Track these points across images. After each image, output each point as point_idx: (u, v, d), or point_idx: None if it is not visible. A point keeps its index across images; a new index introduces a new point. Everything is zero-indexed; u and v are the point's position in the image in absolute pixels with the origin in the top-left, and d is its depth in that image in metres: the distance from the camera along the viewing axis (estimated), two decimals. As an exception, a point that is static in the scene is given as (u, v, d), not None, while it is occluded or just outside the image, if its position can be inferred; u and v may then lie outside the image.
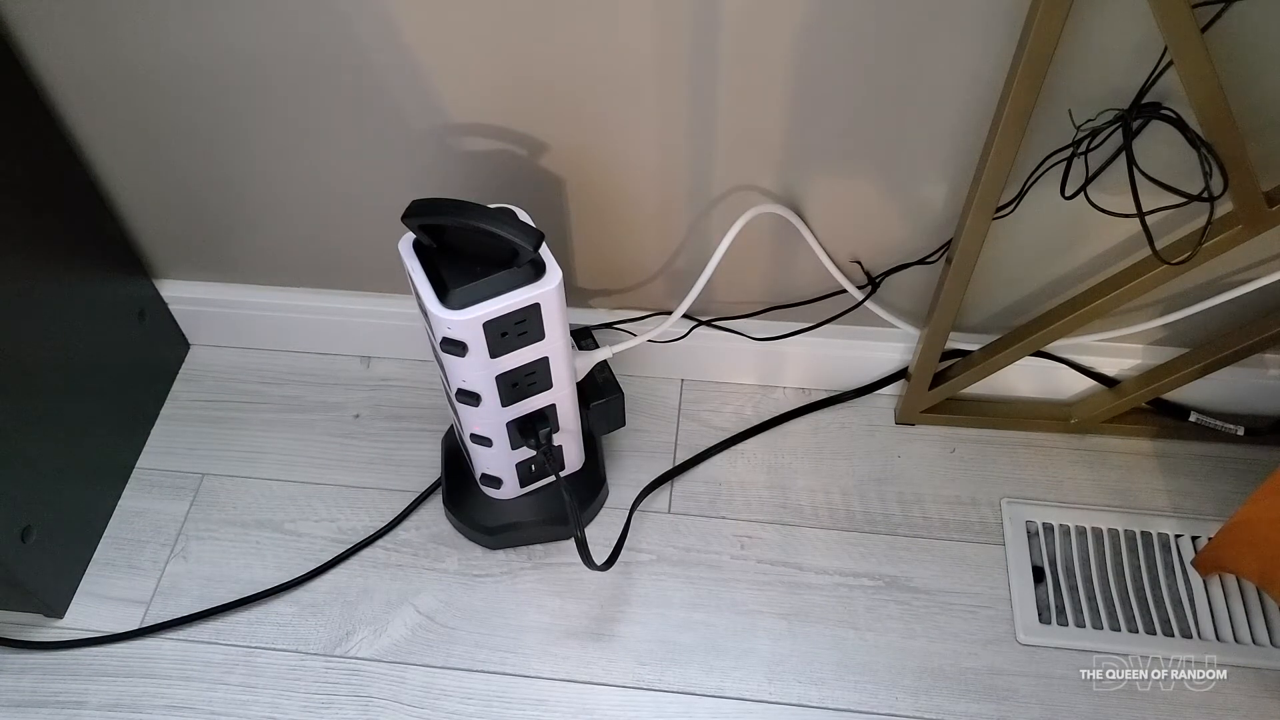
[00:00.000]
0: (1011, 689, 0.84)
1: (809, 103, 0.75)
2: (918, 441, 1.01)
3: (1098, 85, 0.70)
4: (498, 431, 0.81)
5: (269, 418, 1.04)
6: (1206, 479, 0.97)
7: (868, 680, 0.85)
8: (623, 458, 1.00)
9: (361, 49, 0.75)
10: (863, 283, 0.91)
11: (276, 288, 1.02)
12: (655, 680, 0.86)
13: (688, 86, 0.75)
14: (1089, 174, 0.74)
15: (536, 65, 0.75)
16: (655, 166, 0.82)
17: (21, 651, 0.88)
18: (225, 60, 0.77)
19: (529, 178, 0.84)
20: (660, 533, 0.95)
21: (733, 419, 1.03)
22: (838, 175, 0.82)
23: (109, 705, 0.85)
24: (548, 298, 0.70)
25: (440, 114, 0.80)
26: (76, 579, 0.92)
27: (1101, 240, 0.84)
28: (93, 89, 0.81)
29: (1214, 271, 0.84)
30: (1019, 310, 0.92)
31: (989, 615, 0.89)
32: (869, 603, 0.90)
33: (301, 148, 0.84)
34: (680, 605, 0.90)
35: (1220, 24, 0.63)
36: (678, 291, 0.91)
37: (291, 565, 0.92)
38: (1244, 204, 0.71)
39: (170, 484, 0.99)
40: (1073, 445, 1.00)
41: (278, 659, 0.87)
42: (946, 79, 0.72)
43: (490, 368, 0.73)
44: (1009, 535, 0.93)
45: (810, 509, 0.96)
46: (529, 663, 0.87)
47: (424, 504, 0.97)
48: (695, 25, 0.71)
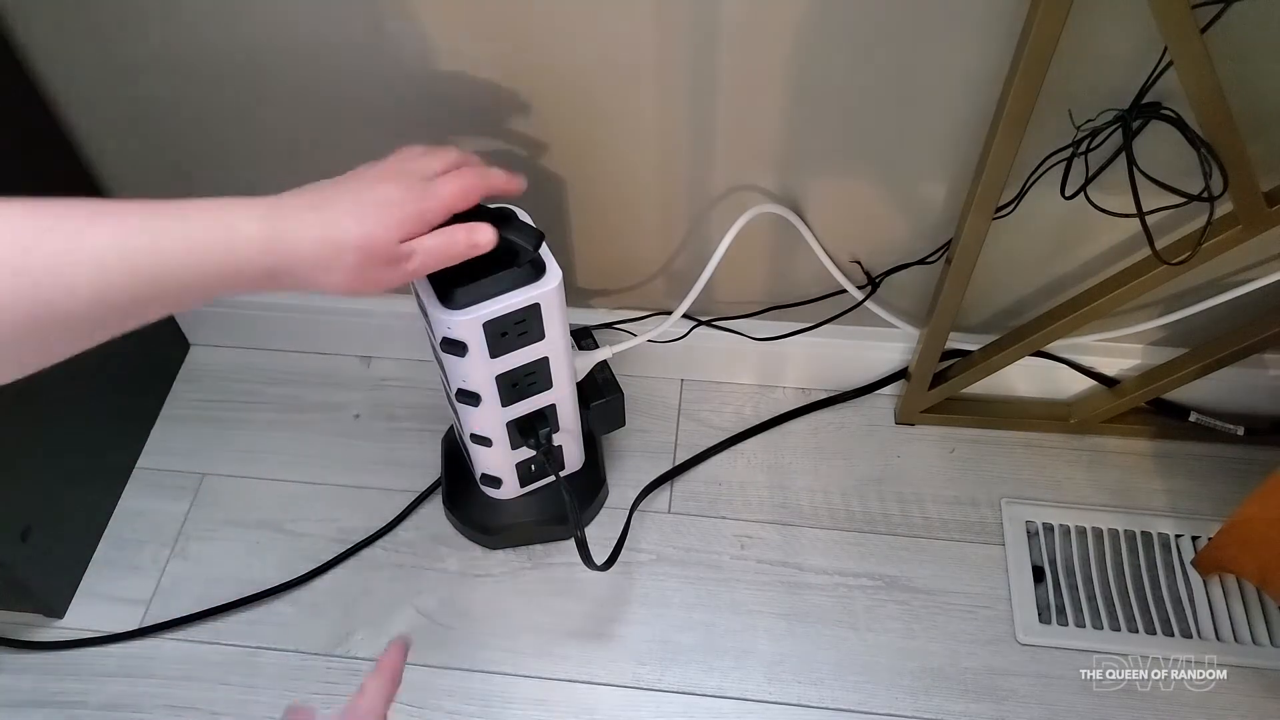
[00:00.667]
0: (1011, 689, 0.85)
1: (809, 103, 0.75)
2: (917, 441, 1.01)
3: (1098, 85, 0.70)
4: (498, 431, 0.81)
5: (269, 418, 1.04)
6: (1206, 479, 0.97)
7: (867, 680, 0.85)
8: (623, 458, 1.00)
9: (362, 49, 0.75)
10: (863, 283, 0.91)
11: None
12: (655, 680, 0.86)
13: (688, 86, 0.75)
14: (1089, 174, 0.74)
15: (537, 65, 0.75)
16: (655, 166, 0.82)
17: (21, 651, 0.88)
18: (225, 60, 0.77)
19: (529, 178, 0.84)
20: (660, 533, 0.95)
21: (733, 419, 1.03)
22: (838, 175, 0.82)
23: (109, 705, 0.85)
24: (548, 298, 0.70)
25: (440, 114, 0.80)
26: (76, 579, 0.92)
27: (1101, 240, 0.84)
28: (92, 88, 0.81)
29: (1214, 271, 0.84)
30: (1019, 310, 0.92)
31: (989, 615, 0.89)
32: (869, 603, 0.90)
33: (302, 147, 0.84)
34: (680, 605, 0.90)
35: (1220, 24, 0.63)
36: (677, 291, 0.92)
37: (291, 565, 0.92)
38: (1244, 204, 0.71)
39: (170, 484, 0.99)
40: (1072, 445, 1.00)
41: (278, 659, 0.87)
42: (946, 79, 0.72)
43: (490, 368, 0.73)
44: (1009, 535, 0.93)
45: (810, 509, 0.96)
46: (529, 663, 0.87)
47: (424, 504, 0.97)
48: (695, 25, 0.71)
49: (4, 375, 0.40)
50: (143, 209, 0.43)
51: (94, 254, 0.40)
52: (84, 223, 0.41)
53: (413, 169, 0.57)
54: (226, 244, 0.46)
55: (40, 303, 0.39)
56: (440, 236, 0.56)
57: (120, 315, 0.43)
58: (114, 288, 0.41)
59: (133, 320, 0.44)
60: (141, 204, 0.44)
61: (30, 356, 0.40)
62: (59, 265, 0.39)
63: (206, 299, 0.47)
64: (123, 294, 0.42)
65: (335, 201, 0.52)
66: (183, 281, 0.45)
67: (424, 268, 0.56)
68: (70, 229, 0.40)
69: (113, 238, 0.41)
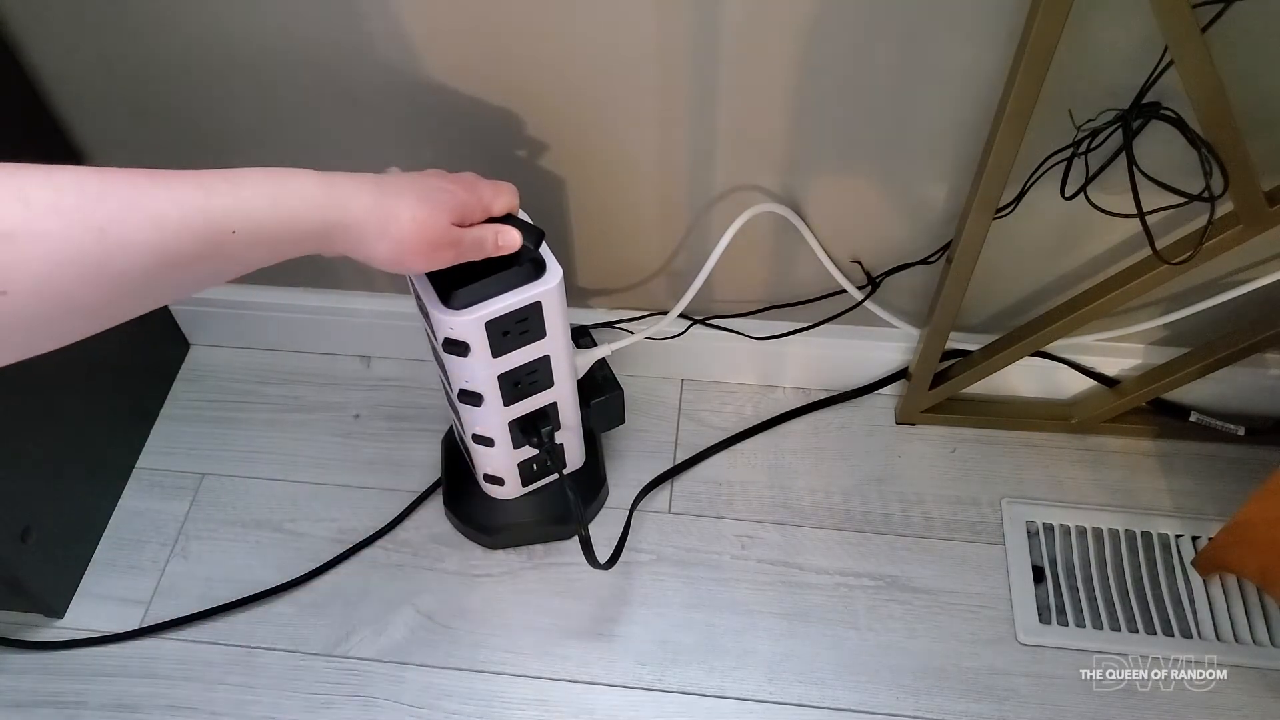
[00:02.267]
0: (1012, 689, 0.85)
1: (809, 102, 0.75)
2: (918, 441, 1.01)
3: (1098, 85, 0.70)
4: (500, 431, 0.81)
5: (269, 418, 1.04)
6: (1207, 479, 0.97)
7: (868, 680, 0.85)
8: (623, 457, 1.00)
9: (362, 50, 0.75)
10: (863, 282, 0.91)
11: (276, 287, 1.02)
12: (655, 680, 0.86)
13: (688, 85, 0.75)
14: (1089, 174, 0.74)
15: (537, 64, 0.75)
16: (655, 165, 0.82)
17: (21, 651, 0.88)
18: (224, 60, 0.77)
19: (529, 178, 0.84)
20: (660, 532, 0.95)
21: (733, 419, 1.03)
22: (838, 175, 0.82)
23: (109, 705, 0.85)
24: (549, 296, 0.70)
25: (440, 113, 0.80)
26: (76, 579, 0.92)
27: (1101, 240, 0.84)
28: (91, 87, 0.81)
29: (1214, 271, 0.84)
30: (1019, 310, 0.92)
31: (989, 615, 0.89)
32: (869, 603, 0.90)
33: (302, 148, 0.84)
34: (680, 605, 0.90)
35: (1220, 24, 0.63)
36: (678, 290, 0.91)
37: (291, 565, 0.92)
38: (1244, 203, 0.71)
39: (170, 484, 0.99)
40: (1073, 445, 1.00)
41: (278, 659, 0.87)
42: (947, 79, 0.72)
43: (492, 367, 0.73)
44: (1009, 535, 0.93)
45: (810, 509, 0.96)
46: (529, 663, 0.87)
47: (424, 504, 0.97)
48: (696, 24, 0.71)
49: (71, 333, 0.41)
50: (201, 173, 0.45)
51: (154, 212, 0.42)
52: (146, 182, 0.42)
53: (462, 177, 0.63)
54: (283, 199, 0.49)
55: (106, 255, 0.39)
56: (480, 230, 0.62)
57: (179, 272, 0.44)
58: (171, 243, 0.42)
59: (190, 280, 0.45)
60: (200, 171, 0.45)
61: (94, 315, 0.41)
62: (122, 217, 0.40)
63: (263, 259, 0.49)
64: (181, 251, 0.43)
65: (392, 184, 0.56)
66: (239, 236, 0.46)
67: (462, 255, 0.61)
68: (133, 188, 0.41)
69: (170, 194, 0.43)
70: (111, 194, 0.40)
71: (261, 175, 0.48)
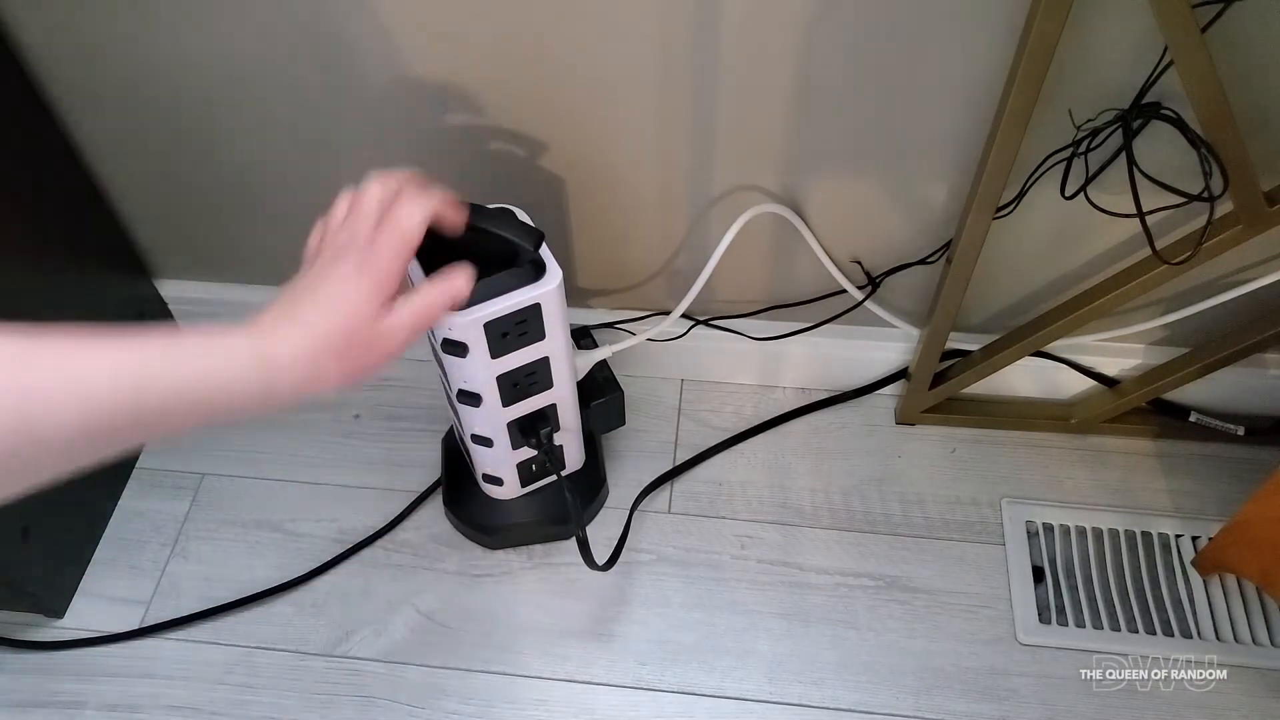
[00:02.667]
0: (1012, 689, 0.84)
1: (809, 102, 0.75)
2: (918, 441, 1.01)
3: (1098, 85, 0.70)
4: (499, 432, 0.81)
5: (269, 418, 1.03)
6: (1207, 479, 0.97)
7: (868, 680, 0.85)
8: (623, 458, 1.00)
9: (360, 51, 0.75)
10: (863, 283, 0.91)
11: (276, 287, 1.00)
12: (655, 680, 0.86)
13: (688, 86, 0.75)
14: (1089, 174, 0.74)
15: (537, 64, 0.75)
16: (655, 166, 0.82)
17: (21, 651, 0.88)
18: (223, 60, 0.77)
19: (529, 178, 0.84)
20: (660, 533, 0.95)
21: (733, 419, 1.03)
22: (838, 175, 0.82)
23: (109, 705, 0.85)
24: (548, 297, 0.70)
25: (440, 113, 0.80)
26: (76, 579, 0.92)
27: (1101, 240, 0.84)
28: (91, 88, 0.81)
29: (1214, 271, 0.84)
30: (1019, 310, 0.92)
31: (989, 615, 0.89)
32: (869, 603, 0.90)
33: (301, 147, 0.84)
34: (680, 605, 0.90)
35: (1220, 24, 0.63)
36: (678, 291, 0.91)
37: (291, 565, 0.92)
38: (1244, 204, 0.71)
39: (170, 484, 0.99)
40: (1073, 445, 1.00)
41: (278, 659, 0.87)
42: (947, 79, 0.72)
43: (491, 368, 0.73)
44: (1009, 535, 0.93)
45: (810, 509, 0.96)
46: (529, 663, 0.87)
47: (424, 504, 0.97)
48: (696, 24, 0.70)
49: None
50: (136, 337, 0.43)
51: (81, 379, 0.40)
52: (75, 348, 0.40)
53: (350, 238, 0.55)
54: (216, 371, 0.46)
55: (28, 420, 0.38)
56: (416, 303, 0.55)
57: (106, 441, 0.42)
58: (98, 414, 0.41)
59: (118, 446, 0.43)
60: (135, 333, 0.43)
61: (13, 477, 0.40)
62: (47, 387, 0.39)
63: (197, 426, 0.46)
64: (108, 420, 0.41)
65: (301, 301, 0.52)
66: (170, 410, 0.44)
67: (410, 337, 0.55)
68: (61, 353, 0.40)
69: (101, 364, 0.41)
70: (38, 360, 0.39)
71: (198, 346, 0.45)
